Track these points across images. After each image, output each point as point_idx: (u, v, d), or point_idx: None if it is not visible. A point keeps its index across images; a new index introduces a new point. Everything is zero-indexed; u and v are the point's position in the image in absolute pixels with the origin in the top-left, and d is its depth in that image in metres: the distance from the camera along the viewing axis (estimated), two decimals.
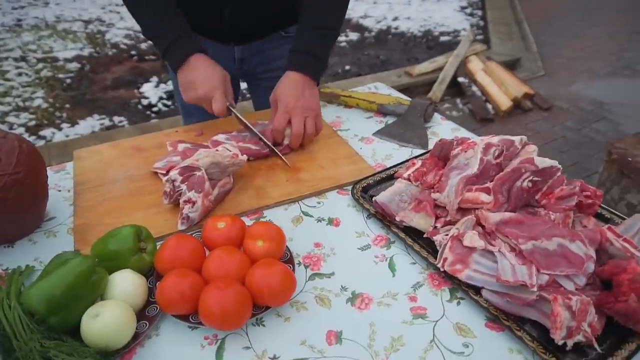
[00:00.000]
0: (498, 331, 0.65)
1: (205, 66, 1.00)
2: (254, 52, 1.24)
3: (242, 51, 1.23)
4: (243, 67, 1.27)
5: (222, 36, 1.19)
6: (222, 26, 1.14)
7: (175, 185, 0.82)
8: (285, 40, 1.26)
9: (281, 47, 1.26)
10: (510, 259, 0.68)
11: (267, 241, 0.71)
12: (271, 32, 1.23)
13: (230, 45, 1.21)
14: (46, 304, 0.57)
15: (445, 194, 0.81)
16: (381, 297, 0.70)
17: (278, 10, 1.19)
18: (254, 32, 1.20)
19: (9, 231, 0.78)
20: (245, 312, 0.62)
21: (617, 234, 0.70)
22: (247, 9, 1.12)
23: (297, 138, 0.99)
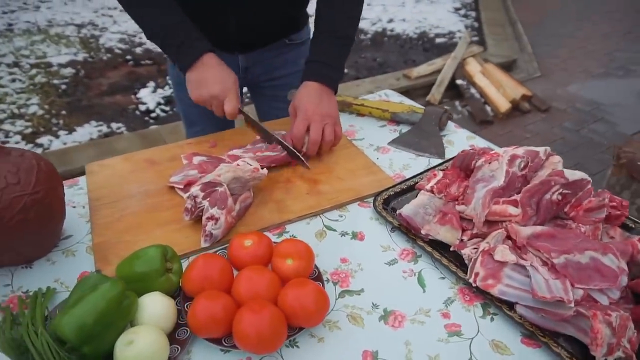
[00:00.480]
0: (535, 347, 0.64)
1: (218, 65, 0.99)
2: (257, 61, 1.24)
3: (246, 60, 1.22)
4: (247, 76, 1.26)
5: (226, 45, 1.18)
6: (227, 35, 1.14)
7: (197, 201, 0.80)
8: (288, 48, 1.26)
9: (285, 55, 1.26)
10: (543, 274, 0.68)
11: (296, 259, 0.69)
12: (275, 40, 1.22)
13: (234, 54, 1.20)
14: (79, 333, 0.55)
15: (471, 207, 0.80)
16: (414, 314, 0.69)
17: (282, 18, 1.19)
18: (258, 40, 1.20)
19: (28, 251, 0.76)
20: (281, 335, 0.60)
21: None
22: (252, 17, 1.12)
23: (315, 145, 0.98)
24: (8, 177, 0.69)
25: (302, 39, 1.28)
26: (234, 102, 0.97)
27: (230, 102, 0.97)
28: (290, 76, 1.26)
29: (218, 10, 1.09)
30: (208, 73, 0.98)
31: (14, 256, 0.75)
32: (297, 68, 1.22)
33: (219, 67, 0.99)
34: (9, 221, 0.68)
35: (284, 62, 1.26)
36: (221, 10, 1.09)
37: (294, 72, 1.24)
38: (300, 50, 1.28)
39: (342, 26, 1.06)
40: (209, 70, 0.98)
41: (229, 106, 0.97)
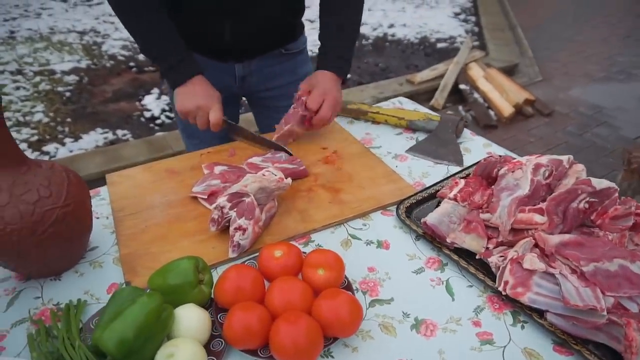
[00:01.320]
0: (567, 355, 0.65)
1: (204, 83, 1.06)
2: (254, 70, 1.24)
3: (242, 69, 1.22)
4: (244, 85, 1.26)
5: (222, 54, 1.18)
6: (222, 43, 1.14)
7: (224, 212, 0.81)
8: (285, 58, 1.26)
9: (282, 64, 1.26)
10: (573, 282, 0.68)
11: (327, 270, 0.70)
12: (271, 49, 1.23)
13: (230, 63, 1.21)
14: (120, 347, 0.55)
15: (497, 215, 0.81)
16: (445, 323, 0.69)
17: (278, 27, 1.19)
18: (254, 48, 1.20)
19: (57, 264, 0.76)
20: (317, 346, 0.61)
21: None
22: (247, 25, 1.12)
23: (322, 122, 1.08)
24: (40, 190, 0.69)
25: (299, 49, 1.29)
26: (218, 113, 1.02)
27: (214, 112, 1.02)
28: (287, 86, 1.25)
29: (214, 18, 1.09)
30: (195, 87, 1.04)
31: (43, 268, 0.75)
32: (295, 77, 1.24)
33: (205, 84, 1.06)
34: (42, 234, 0.68)
35: (281, 72, 1.27)
36: (217, 18, 1.09)
37: (291, 82, 1.24)
38: (297, 59, 1.29)
39: (348, 21, 1.13)
40: (196, 86, 1.04)
41: (213, 116, 1.02)
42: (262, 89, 1.28)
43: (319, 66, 1.12)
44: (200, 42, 1.14)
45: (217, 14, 1.08)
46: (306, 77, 1.28)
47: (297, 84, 1.17)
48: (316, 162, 1.06)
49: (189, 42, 1.08)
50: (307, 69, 1.33)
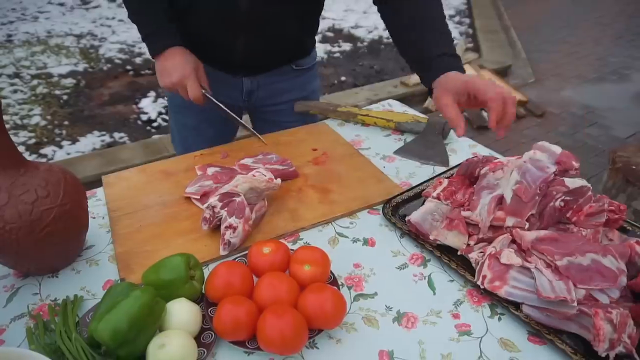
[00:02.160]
0: (541, 344, 0.68)
1: (180, 55, 1.04)
2: (262, 85, 1.23)
3: (250, 83, 1.22)
4: (250, 100, 1.26)
5: (232, 67, 1.18)
6: (232, 57, 1.14)
7: (216, 211, 0.84)
8: (295, 74, 1.25)
9: (291, 80, 1.25)
10: (547, 275, 0.72)
11: (313, 265, 0.73)
12: (282, 65, 1.22)
13: (239, 77, 1.21)
14: (114, 337, 0.58)
15: (477, 213, 0.84)
16: (426, 316, 0.72)
17: (291, 42, 1.18)
18: (264, 64, 1.20)
19: (55, 261, 0.79)
20: (303, 337, 0.64)
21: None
22: (260, 40, 1.12)
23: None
24: (38, 190, 0.72)
25: (309, 64, 1.28)
26: (194, 87, 1.02)
27: (190, 88, 1.02)
28: (292, 102, 1.25)
29: (228, 31, 1.09)
30: (169, 62, 1.03)
31: (41, 266, 0.78)
32: (303, 94, 1.23)
33: (180, 57, 1.03)
34: (40, 232, 0.71)
35: (289, 88, 1.26)
36: (231, 32, 1.09)
37: (297, 98, 1.23)
38: (307, 75, 1.28)
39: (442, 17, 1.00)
40: (170, 60, 1.03)
41: (190, 92, 1.03)
42: (269, 104, 1.27)
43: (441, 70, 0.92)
44: (210, 53, 1.14)
45: (233, 29, 1.08)
46: (313, 93, 1.29)
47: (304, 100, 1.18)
48: (307, 163, 1.10)
49: (198, 51, 1.09)
50: (315, 85, 1.34)
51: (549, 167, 0.80)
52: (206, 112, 1.21)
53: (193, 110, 1.23)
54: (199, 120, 1.29)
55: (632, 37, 5.25)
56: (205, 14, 1.06)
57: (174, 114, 1.35)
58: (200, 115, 1.27)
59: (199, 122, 1.29)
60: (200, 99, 1.04)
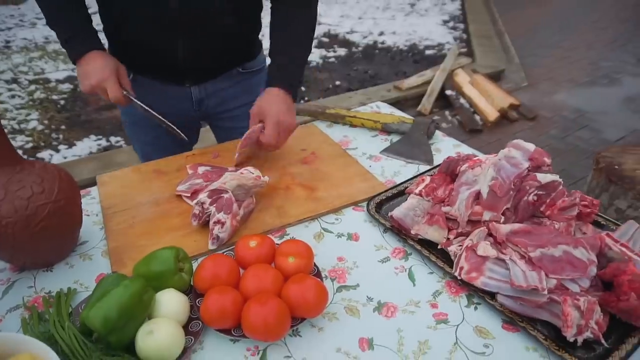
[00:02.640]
0: (514, 332, 0.71)
1: (99, 57, 1.03)
2: (211, 93, 1.23)
3: (199, 92, 1.21)
4: (201, 109, 1.25)
5: (177, 75, 1.18)
6: (175, 63, 1.12)
7: (205, 207, 0.87)
8: (243, 77, 1.24)
9: (240, 84, 1.24)
10: (520, 266, 0.75)
11: (297, 257, 0.76)
12: (227, 69, 1.21)
13: (186, 86, 1.20)
14: (105, 324, 0.61)
15: (455, 208, 0.87)
16: (405, 305, 0.76)
17: (235, 43, 1.17)
18: (209, 68, 1.19)
19: (49, 256, 0.82)
20: (285, 324, 0.67)
21: (615, 240, 0.78)
22: (199, 41, 1.10)
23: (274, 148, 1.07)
24: (33, 187, 0.75)
25: (258, 67, 1.27)
26: (114, 89, 1.01)
27: (110, 89, 1.01)
28: (246, 106, 1.20)
29: (165, 35, 1.07)
30: (89, 66, 1.02)
31: (36, 260, 0.81)
32: (253, 97, 1.18)
33: (99, 60, 1.03)
34: (35, 227, 0.74)
35: (239, 92, 1.24)
36: (168, 35, 1.07)
37: (250, 102, 1.19)
38: (256, 78, 1.27)
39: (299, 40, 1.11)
40: (90, 64, 1.03)
41: (110, 93, 1.02)
42: (220, 111, 1.27)
43: (268, 83, 1.08)
44: (153, 62, 1.13)
45: (169, 30, 1.06)
46: None
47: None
48: (295, 162, 1.13)
49: (141, 63, 1.09)
50: None
51: (522, 164, 0.84)
52: (157, 127, 1.17)
53: (145, 126, 1.25)
54: (152, 136, 1.29)
55: (624, 42, 5.32)
56: (139, 20, 1.05)
57: (132, 130, 1.34)
58: (156, 130, 1.23)
59: (152, 137, 1.29)
60: (121, 100, 1.03)
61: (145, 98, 1.10)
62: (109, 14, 1.09)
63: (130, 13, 1.04)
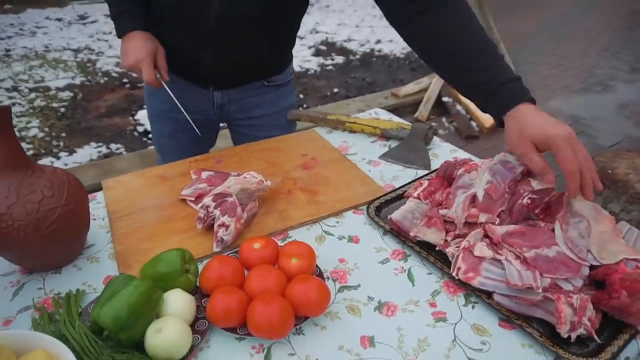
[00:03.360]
0: (510, 329, 0.74)
1: (140, 38, 1.07)
2: (234, 99, 1.24)
3: (221, 97, 1.23)
4: (222, 113, 1.27)
5: (202, 79, 1.20)
6: (202, 69, 1.14)
7: (209, 210, 0.89)
8: (267, 89, 1.24)
9: (263, 95, 1.25)
10: (516, 266, 0.78)
11: (300, 259, 0.79)
12: (253, 80, 1.23)
13: (210, 90, 1.22)
14: (115, 322, 0.63)
15: (453, 210, 0.90)
16: (405, 305, 0.78)
17: (260, 60, 1.19)
18: (234, 77, 1.20)
19: (58, 258, 0.84)
20: (289, 323, 0.69)
21: None
22: (228, 55, 1.12)
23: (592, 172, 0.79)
24: (44, 191, 0.78)
25: (283, 81, 1.28)
26: (147, 71, 1.06)
27: (145, 71, 1.06)
28: (268, 117, 1.24)
29: (196, 43, 1.10)
30: (129, 45, 1.07)
31: (45, 262, 0.83)
32: (276, 109, 1.22)
33: (139, 40, 1.07)
34: (45, 230, 0.77)
35: (262, 103, 1.25)
36: (200, 44, 1.10)
37: (272, 114, 1.23)
38: (281, 91, 1.28)
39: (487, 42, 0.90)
40: (130, 42, 1.07)
41: (144, 75, 1.06)
42: (241, 118, 1.28)
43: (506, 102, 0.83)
44: (180, 63, 1.16)
45: (202, 40, 1.09)
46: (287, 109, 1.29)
47: (277, 116, 1.18)
48: (296, 167, 1.16)
49: (169, 61, 1.11)
50: (290, 101, 1.33)
51: (516, 168, 0.87)
52: (181, 122, 1.22)
53: (169, 118, 1.28)
54: (173, 129, 1.31)
55: (616, 50, 5.40)
56: (175, 24, 1.09)
57: (152, 121, 1.37)
58: (176, 125, 1.28)
59: (173, 131, 1.32)
60: (153, 82, 1.07)
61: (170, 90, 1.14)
62: (150, 8, 1.12)
63: (168, 16, 1.08)
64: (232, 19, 1.03)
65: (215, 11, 1.02)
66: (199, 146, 1.31)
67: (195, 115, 1.18)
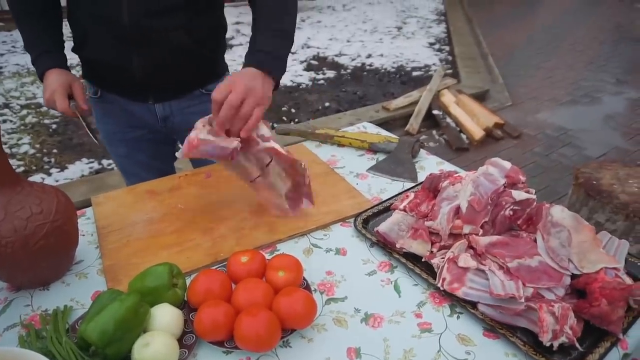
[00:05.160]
0: (494, 339, 0.75)
1: (54, 73, 1.11)
2: (175, 110, 1.25)
3: (163, 109, 1.24)
4: (167, 125, 1.28)
5: (139, 93, 1.21)
6: (134, 80, 1.14)
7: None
8: (207, 98, 1.17)
9: (204, 104, 1.24)
10: (499, 276, 0.79)
11: (287, 271, 0.80)
12: (190, 89, 1.24)
13: (150, 103, 1.22)
14: (102, 337, 0.64)
15: (437, 222, 0.92)
16: (391, 316, 0.79)
17: (193, 64, 1.19)
18: (169, 87, 1.21)
19: (46, 274, 0.85)
20: (276, 335, 0.70)
21: None
22: (155, 59, 1.12)
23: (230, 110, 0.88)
24: (32, 207, 0.78)
25: None
26: (59, 101, 1.08)
27: (57, 102, 1.08)
28: None
29: (120, 51, 1.10)
30: (46, 81, 1.11)
31: (34, 279, 0.84)
32: None
33: (53, 75, 1.10)
34: (33, 246, 0.77)
35: (203, 112, 1.20)
36: (123, 51, 1.10)
37: None
38: None
39: (282, 20, 1.02)
40: (46, 81, 1.11)
41: (57, 106, 1.08)
42: (185, 129, 1.21)
43: (245, 63, 0.97)
44: (114, 79, 1.18)
45: (123, 46, 1.09)
46: None
47: None
48: None
49: (103, 80, 1.17)
50: None
51: (499, 180, 0.89)
52: (135, 141, 1.31)
53: (119, 140, 1.32)
54: (129, 149, 1.34)
55: (603, 63, 5.51)
56: (96, 37, 1.10)
57: (108, 145, 1.38)
58: (129, 144, 1.33)
59: (129, 150, 1.35)
60: (66, 111, 1.09)
61: (111, 113, 1.23)
62: (74, 33, 1.16)
63: (89, 30, 1.11)
64: (144, 13, 1.05)
65: (127, 8, 1.04)
66: (160, 160, 1.37)
67: (143, 131, 1.24)
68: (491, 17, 8.06)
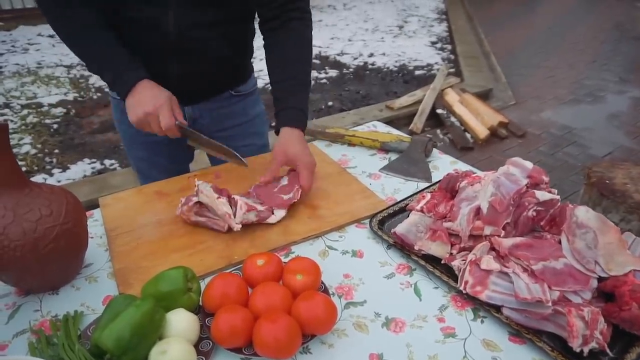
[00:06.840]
0: (521, 344, 0.73)
1: (152, 87, 1.04)
2: (205, 112, 1.26)
3: (192, 111, 1.25)
4: (195, 127, 1.26)
5: None
6: (167, 85, 1.10)
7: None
8: (236, 99, 1.28)
9: (232, 106, 1.28)
10: (524, 279, 0.77)
11: (305, 275, 0.77)
12: (220, 92, 1.25)
13: (180, 105, 1.15)
14: (117, 344, 0.61)
15: (457, 223, 0.89)
16: (413, 320, 0.76)
17: (226, 69, 1.21)
18: (201, 90, 1.22)
19: (56, 278, 0.82)
20: (296, 341, 0.67)
21: None
22: (193, 66, 1.13)
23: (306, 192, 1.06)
24: (42, 209, 0.76)
25: (249, 90, 1.31)
26: (167, 117, 1.01)
27: (163, 117, 1.00)
28: (239, 127, 1.27)
29: (159, 58, 1.10)
30: (141, 95, 1.02)
31: (43, 283, 0.81)
32: (246, 118, 1.26)
33: (152, 88, 1.03)
34: (43, 249, 0.75)
35: (231, 113, 1.28)
36: (162, 58, 1.10)
37: (242, 123, 1.26)
38: (248, 101, 1.31)
39: (302, 70, 1.13)
40: (142, 92, 1.02)
41: (163, 121, 1.01)
42: (214, 130, 1.28)
43: (280, 122, 1.10)
44: None
45: (164, 54, 1.09)
46: (257, 117, 1.34)
47: (249, 124, 1.22)
48: None
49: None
50: (259, 110, 1.36)
51: (521, 181, 0.86)
52: (156, 144, 1.26)
53: (142, 142, 1.29)
54: (149, 153, 1.32)
55: (604, 62, 5.50)
56: (136, 44, 1.07)
57: (127, 148, 1.37)
58: (150, 147, 1.29)
59: (149, 154, 1.32)
60: (173, 129, 1.03)
61: None
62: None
63: (129, 37, 1.07)
64: (190, 27, 1.06)
65: (173, 20, 1.03)
66: (177, 164, 1.34)
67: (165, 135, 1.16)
68: (491, 16, 8.04)
